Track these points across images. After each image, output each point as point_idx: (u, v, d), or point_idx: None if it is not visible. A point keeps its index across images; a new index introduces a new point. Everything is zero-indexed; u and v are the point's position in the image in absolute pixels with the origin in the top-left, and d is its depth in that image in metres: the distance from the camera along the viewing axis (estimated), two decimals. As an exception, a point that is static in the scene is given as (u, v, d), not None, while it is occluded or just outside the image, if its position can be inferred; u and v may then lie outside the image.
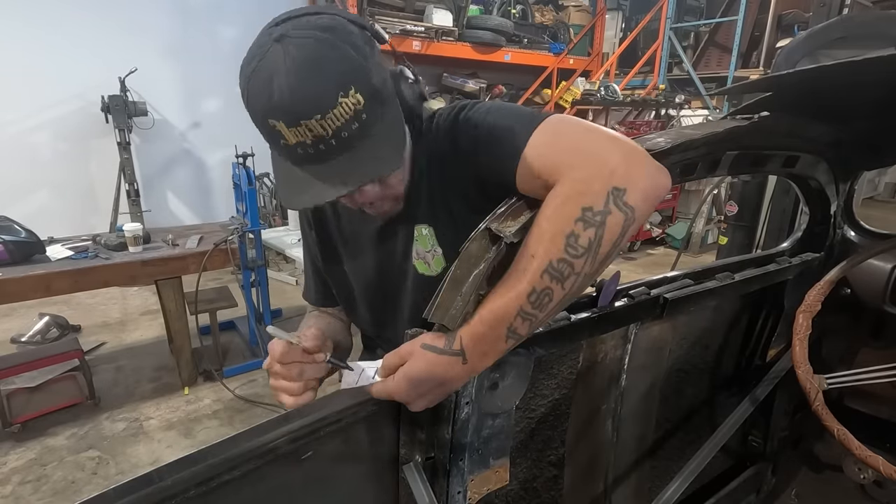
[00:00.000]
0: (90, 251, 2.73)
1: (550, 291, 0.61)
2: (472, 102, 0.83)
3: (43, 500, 2.23)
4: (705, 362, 1.32)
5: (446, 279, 0.67)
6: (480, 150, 0.76)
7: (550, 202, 0.64)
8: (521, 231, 0.67)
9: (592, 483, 1.16)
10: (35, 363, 2.68)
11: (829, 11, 2.16)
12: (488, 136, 0.75)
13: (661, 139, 0.81)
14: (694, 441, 1.34)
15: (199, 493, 0.57)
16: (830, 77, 0.83)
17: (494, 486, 0.85)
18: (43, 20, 4.19)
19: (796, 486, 1.58)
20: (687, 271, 1.10)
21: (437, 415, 0.73)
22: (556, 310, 0.64)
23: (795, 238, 1.35)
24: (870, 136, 1.15)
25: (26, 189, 4.36)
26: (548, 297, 0.62)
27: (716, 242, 4.73)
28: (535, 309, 0.62)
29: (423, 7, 4.98)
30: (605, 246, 0.61)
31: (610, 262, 0.64)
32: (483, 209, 0.71)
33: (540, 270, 0.61)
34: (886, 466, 0.97)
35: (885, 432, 1.40)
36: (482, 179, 0.78)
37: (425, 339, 0.66)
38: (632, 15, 7.37)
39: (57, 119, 4.42)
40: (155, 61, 4.62)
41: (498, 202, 0.72)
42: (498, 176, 0.73)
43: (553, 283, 0.61)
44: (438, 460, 0.77)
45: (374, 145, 0.71)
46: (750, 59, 6.23)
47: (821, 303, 1.18)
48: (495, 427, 0.81)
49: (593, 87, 6.35)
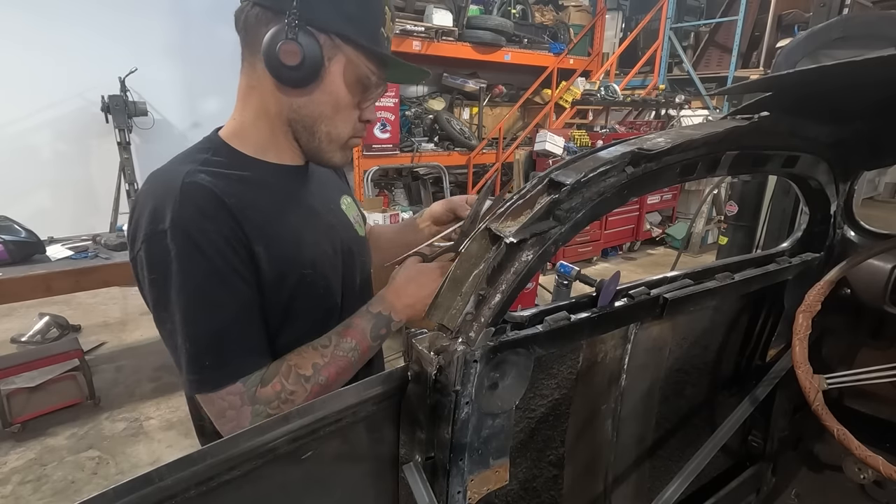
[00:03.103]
0: (90, 251, 2.74)
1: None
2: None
3: (43, 500, 2.23)
4: (705, 362, 1.32)
5: (446, 279, 0.67)
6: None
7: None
8: (522, 231, 0.67)
9: (592, 483, 1.16)
10: (35, 363, 2.68)
11: (829, 11, 2.16)
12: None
13: (661, 139, 0.81)
14: (694, 441, 1.34)
15: (199, 493, 0.57)
16: (830, 77, 0.83)
17: (494, 486, 0.85)
18: (43, 20, 4.19)
19: (796, 486, 1.58)
20: (687, 271, 1.10)
21: (437, 415, 0.73)
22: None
23: (795, 238, 1.35)
24: (870, 136, 1.15)
25: (26, 189, 4.37)
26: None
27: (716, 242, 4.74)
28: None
29: (423, 7, 4.99)
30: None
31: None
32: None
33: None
34: (886, 466, 0.97)
35: (885, 432, 1.40)
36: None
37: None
38: (632, 15, 7.38)
39: (57, 119, 4.42)
40: (155, 61, 4.63)
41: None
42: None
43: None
44: (438, 460, 0.77)
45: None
46: (750, 59, 6.23)
47: (821, 303, 1.18)
48: (495, 427, 0.81)
49: (593, 87, 6.35)
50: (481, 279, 0.70)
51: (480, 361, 0.72)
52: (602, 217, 1.79)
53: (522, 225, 0.70)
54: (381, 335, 0.88)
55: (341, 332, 0.85)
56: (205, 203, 0.73)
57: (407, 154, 5.14)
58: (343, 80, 0.81)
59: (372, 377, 0.72)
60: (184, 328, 0.72)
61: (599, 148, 0.81)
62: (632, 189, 0.80)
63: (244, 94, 0.84)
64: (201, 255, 0.71)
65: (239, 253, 0.75)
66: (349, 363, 0.84)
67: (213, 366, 0.74)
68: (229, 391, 0.74)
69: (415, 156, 5.17)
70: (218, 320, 0.74)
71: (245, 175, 0.81)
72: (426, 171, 5.42)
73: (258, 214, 0.78)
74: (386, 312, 0.88)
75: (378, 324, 0.87)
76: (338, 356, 0.83)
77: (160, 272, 0.72)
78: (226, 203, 0.74)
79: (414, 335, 0.73)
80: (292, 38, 0.73)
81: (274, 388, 0.77)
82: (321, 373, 0.80)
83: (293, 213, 0.86)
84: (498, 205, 0.78)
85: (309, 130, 0.84)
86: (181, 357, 0.73)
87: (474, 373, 0.72)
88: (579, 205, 0.74)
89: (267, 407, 0.76)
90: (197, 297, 0.72)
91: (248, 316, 0.77)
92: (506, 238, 0.68)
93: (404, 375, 0.73)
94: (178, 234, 0.70)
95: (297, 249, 0.83)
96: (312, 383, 0.79)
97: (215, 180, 0.76)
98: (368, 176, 4.89)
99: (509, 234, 0.68)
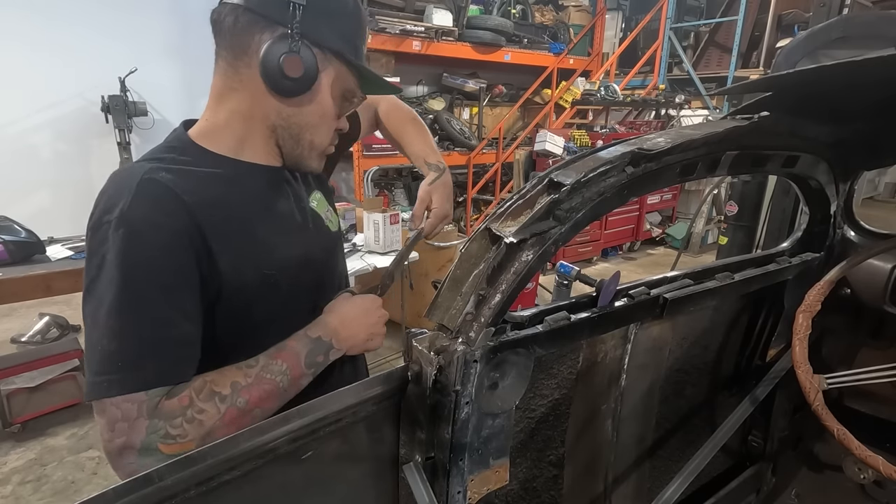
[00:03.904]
0: (90, 251, 2.73)
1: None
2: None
3: (43, 500, 2.23)
4: (705, 362, 1.32)
5: (446, 279, 0.67)
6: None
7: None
8: (522, 231, 0.67)
9: (592, 483, 1.16)
10: (35, 363, 2.68)
11: (829, 11, 2.16)
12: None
13: (661, 139, 0.81)
14: (694, 441, 1.34)
15: (199, 493, 0.57)
16: (830, 77, 0.83)
17: (494, 486, 0.85)
18: (43, 20, 4.19)
19: (796, 486, 1.58)
20: (687, 271, 1.10)
21: (437, 415, 0.73)
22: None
23: (795, 238, 1.35)
24: (870, 136, 1.15)
25: (26, 189, 4.37)
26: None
27: (716, 242, 4.74)
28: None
29: (423, 7, 4.99)
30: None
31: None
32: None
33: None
34: (886, 466, 0.97)
35: (885, 432, 1.40)
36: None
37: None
38: (632, 15, 7.38)
39: (57, 119, 4.42)
40: (155, 61, 4.63)
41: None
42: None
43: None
44: (438, 460, 0.77)
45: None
46: (750, 59, 6.23)
47: (821, 303, 1.18)
48: (495, 427, 0.81)
49: (593, 87, 6.35)
50: (481, 279, 0.70)
51: (480, 361, 0.72)
52: (602, 217, 1.79)
53: (522, 225, 0.70)
54: (318, 362, 0.82)
55: (272, 354, 0.78)
56: (159, 199, 0.70)
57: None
58: (331, 92, 0.83)
59: (372, 377, 0.72)
60: (106, 322, 0.66)
61: (599, 148, 0.81)
62: (632, 189, 0.80)
63: (220, 94, 0.83)
64: (142, 250, 0.68)
65: (188, 252, 0.71)
66: (276, 388, 0.76)
67: (124, 368, 0.66)
68: (127, 398, 0.65)
69: (415, 156, 5.16)
70: (143, 319, 0.68)
71: (216, 172, 0.79)
72: (426, 171, 5.40)
73: (221, 212, 0.76)
74: (327, 339, 0.83)
75: (315, 349, 0.82)
76: (263, 378, 0.75)
77: (95, 263, 0.68)
78: (184, 200, 0.71)
79: (414, 335, 0.73)
80: (295, 51, 0.75)
81: (181, 403, 0.68)
82: (241, 394, 0.72)
83: (262, 213, 0.84)
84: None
85: (295, 138, 0.85)
86: (94, 355, 0.66)
87: (474, 373, 0.72)
88: (579, 205, 0.74)
89: (168, 424, 0.67)
90: (126, 294, 0.66)
91: (179, 322, 0.70)
92: (506, 238, 0.68)
93: (404, 375, 0.73)
94: (122, 225, 0.67)
95: (261, 249, 0.81)
96: (229, 404, 0.71)
97: (176, 178, 0.73)
98: (368, 176, 4.89)
99: (509, 234, 0.68)
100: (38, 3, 4.15)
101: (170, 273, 0.70)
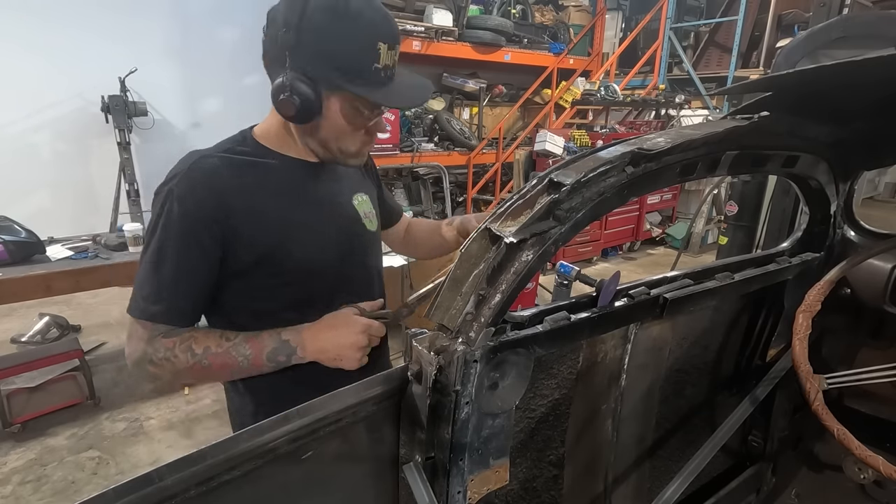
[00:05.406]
0: (90, 251, 2.74)
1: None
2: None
3: (43, 500, 2.23)
4: (705, 362, 1.32)
5: (447, 279, 0.67)
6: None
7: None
8: (522, 231, 0.67)
9: (592, 483, 1.16)
10: (35, 363, 2.68)
11: (829, 11, 2.16)
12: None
13: (661, 139, 0.81)
14: (694, 441, 1.34)
15: (199, 493, 0.57)
16: (830, 77, 0.83)
17: (494, 486, 0.85)
18: (43, 21, 4.19)
19: (796, 486, 1.58)
20: (687, 271, 1.10)
21: (437, 415, 0.73)
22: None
23: (795, 238, 1.35)
24: (870, 136, 1.15)
25: (26, 189, 4.37)
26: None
27: (716, 242, 4.74)
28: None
29: (423, 7, 4.99)
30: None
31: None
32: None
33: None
34: (886, 466, 0.97)
35: (885, 432, 1.40)
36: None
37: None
38: (632, 15, 7.37)
39: (57, 119, 4.42)
40: (155, 61, 4.63)
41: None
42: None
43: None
44: (438, 460, 0.77)
45: (405, 79, 0.95)
46: (750, 59, 6.23)
47: (821, 303, 1.18)
48: (495, 427, 0.81)
49: (593, 87, 6.35)
50: (481, 279, 0.70)
51: (480, 361, 0.72)
52: (602, 217, 1.79)
53: (522, 225, 0.70)
54: (278, 361, 0.93)
55: (247, 338, 0.92)
56: (198, 181, 0.89)
57: (407, 154, 5.13)
58: (341, 114, 0.92)
59: (372, 377, 0.72)
60: (144, 263, 0.91)
61: (599, 148, 0.81)
62: (632, 189, 0.80)
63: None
64: (175, 218, 0.88)
65: (211, 229, 0.89)
66: (236, 366, 0.92)
67: (146, 300, 0.89)
68: (143, 324, 0.90)
69: (415, 156, 5.17)
70: (165, 272, 0.89)
71: (260, 161, 0.96)
72: (426, 171, 5.41)
73: (250, 196, 0.92)
74: (294, 344, 0.93)
75: (279, 349, 0.92)
76: (230, 354, 0.91)
77: (153, 218, 0.91)
78: (217, 184, 0.90)
79: (414, 335, 0.73)
80: (287, 95, 0.85)
81: (167, 345, 0.89)
82: (207, 358, 0.90)
83: (292, 200, 0.98)
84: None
85: (323, 146, 0.97)
86: (136, 280, 0.91)
87: (474, 373, 0.72)
88: (579, 205, 0.74)
89: (154, 354, 0.89)
90: (159, 248, 0.89)
91: (190, 280, 0.91)
92: (506, 238, 0.68)
93: (404, 375, 0.73)
94: (168, 196, 0.88)
95: (282, 231, 0.95)
96: (195, 361, 0.90)
97: (222, 164, 0.92)
98: (368, 176, 4.89)
99: (509, 234, 0.68)
100: (36, 4, 4.15)
101: (192, 243, 0.89)
